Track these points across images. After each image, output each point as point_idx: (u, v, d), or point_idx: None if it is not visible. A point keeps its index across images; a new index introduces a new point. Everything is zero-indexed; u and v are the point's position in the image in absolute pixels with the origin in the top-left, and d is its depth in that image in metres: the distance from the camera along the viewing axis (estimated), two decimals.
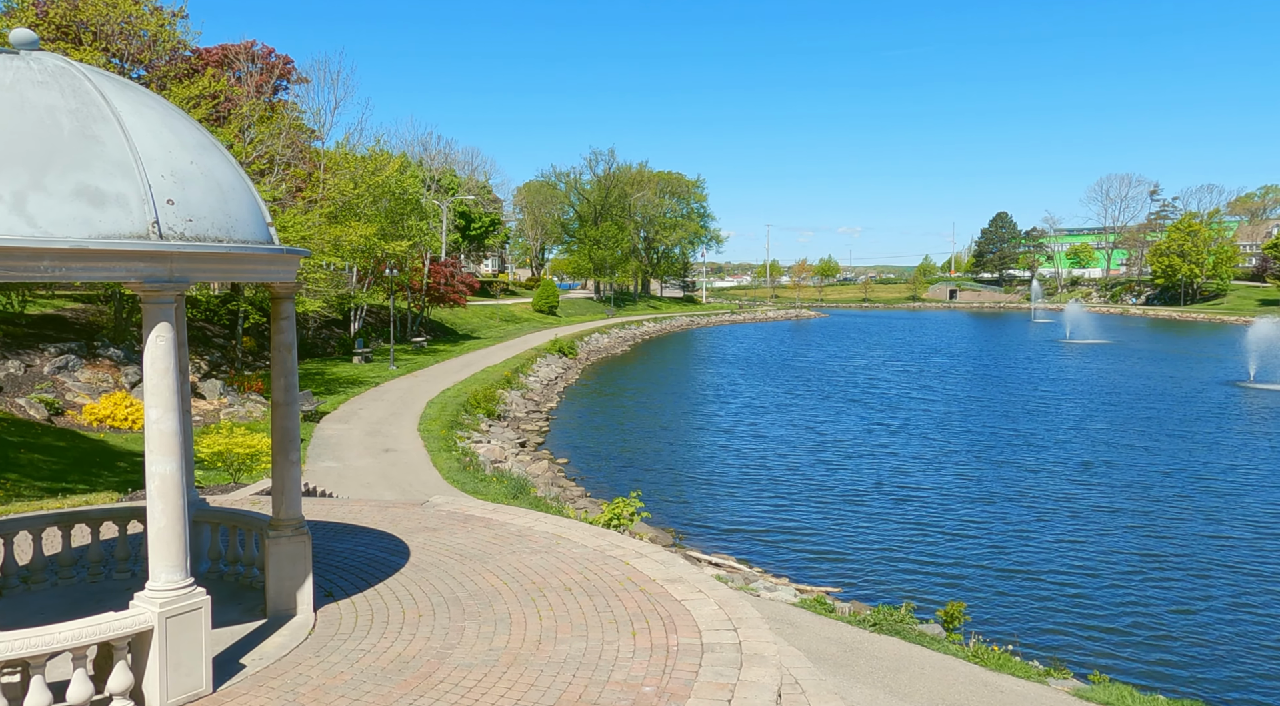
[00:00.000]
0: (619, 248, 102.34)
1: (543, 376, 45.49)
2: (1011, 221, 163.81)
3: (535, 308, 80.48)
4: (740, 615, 8.49)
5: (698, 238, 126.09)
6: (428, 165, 73.18)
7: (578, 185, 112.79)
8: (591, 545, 10.88)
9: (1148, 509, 21.99)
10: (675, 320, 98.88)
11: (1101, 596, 16.33)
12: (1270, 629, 14.97)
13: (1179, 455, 28.50)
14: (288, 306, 8.37)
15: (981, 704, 9.80)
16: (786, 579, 17.61)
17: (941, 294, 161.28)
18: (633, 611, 8.59)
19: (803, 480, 25.56)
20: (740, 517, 22.08)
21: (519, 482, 21.48)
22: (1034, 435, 32.16)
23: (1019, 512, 21.74)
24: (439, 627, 8.21)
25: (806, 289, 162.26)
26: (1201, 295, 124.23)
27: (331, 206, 36.32)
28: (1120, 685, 11.34)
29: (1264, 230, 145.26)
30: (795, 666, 9.00)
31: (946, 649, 11.81)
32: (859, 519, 21.56)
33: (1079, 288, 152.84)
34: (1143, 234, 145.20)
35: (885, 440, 31.39)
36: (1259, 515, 21.28)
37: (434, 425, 27.49)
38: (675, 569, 9.99)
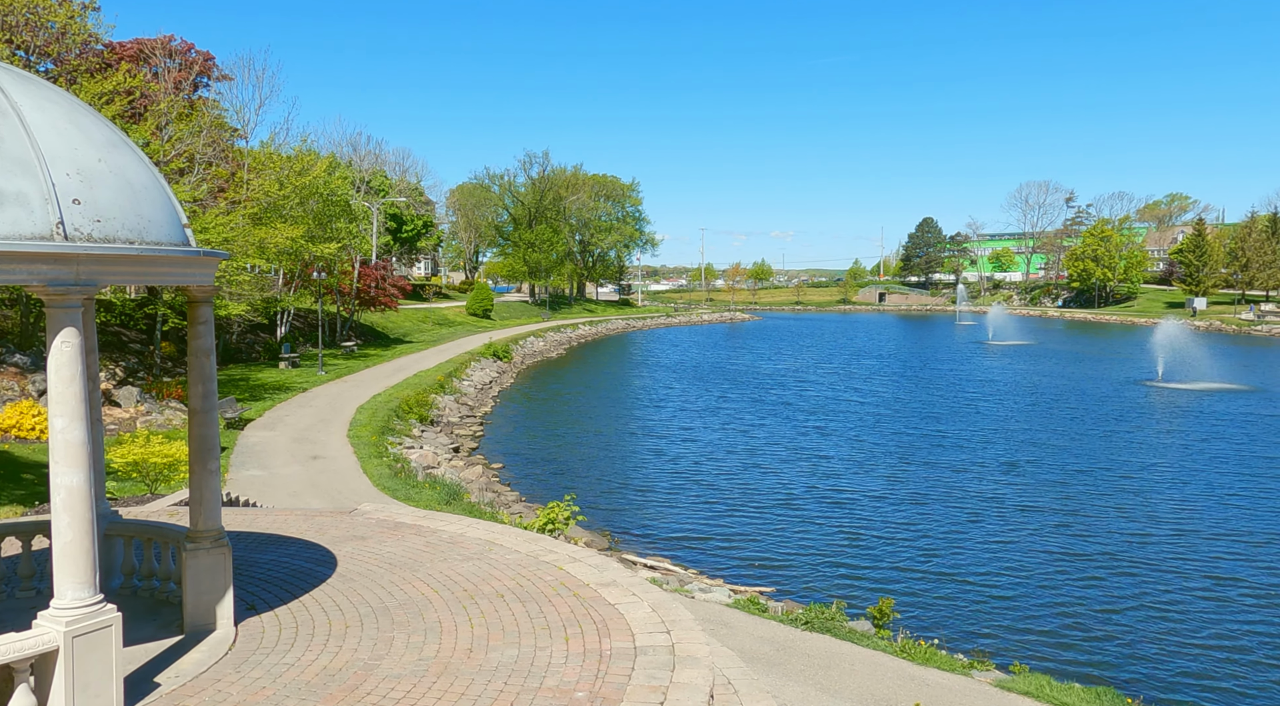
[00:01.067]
0: (554, 251, 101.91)
1: (477, 381, 44.98)
2: (937, 226, 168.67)
3: (469, 311, 79.55)
4: (673, 617, 8.52)
5: (633, 241, 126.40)
6: (357, 166, 71.65)
7: (512, 187, 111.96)
8: (525, 550, 10.79)
9: (1067, 507, 22.84)
10: (611, 323, 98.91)
11: (1023, 591, 16.89)
12: (1180, 619, 15.70)
13: (1096, 454, 29.70)
14: (206, 310, 8.08)
15: (908, 697, 10.03)
16: (721, 580, 17.74)
17: (871, 297, 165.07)
18: (566, 616, 8.54)
19: (737, 482, 25.81)
20: (676, 520, 22.18)
21: (452, 488, 21.17)
22: (960, 436, 33.11)
23: (946, 512, 22.35)
24: (367, 638, 8.03)
25: (741, 292, 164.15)
26: (1114, 298, 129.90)
27: (256, 207, 35.27)
28: (1039, 675, 11.74)
29: (1170, 236, 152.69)
30: (728, 666, 9.07)
31: (876, 645, 12.06)
32: (792, 520, 21.88)
33: (1001, 291, 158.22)
34: (1060, 239, 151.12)
35: (816, 442, 31.93)
36: (1171, 512, 22.30)
37: (364, 431, 26.92)
38: (609, 572, 9.97)
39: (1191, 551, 19.00)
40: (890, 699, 10.06)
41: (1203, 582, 17.17)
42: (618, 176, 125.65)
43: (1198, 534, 20.19)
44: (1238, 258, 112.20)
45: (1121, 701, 11.07)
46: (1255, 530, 20.27)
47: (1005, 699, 10.55)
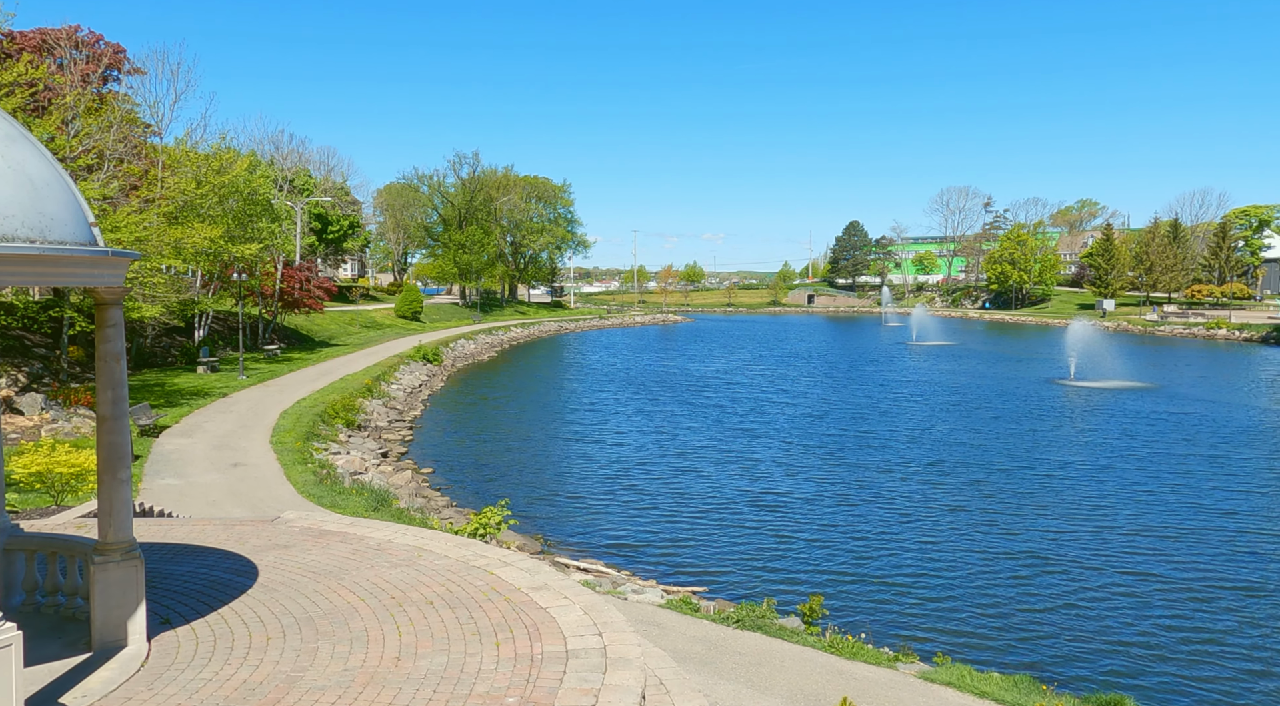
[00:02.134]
0: (485, 252, 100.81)
1: (406, 384, 44.18)
2: (863, 230, 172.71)
3: (398, 313, 78.08)
4: (605, 619, 8.51)
5: (565, 242, 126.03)
6: (280, 164, 69.63)
7: (441, 188, 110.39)
8: (455, 556, 10.63)
9: (989, 505, 23.62)
10: (543, 325, 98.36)
11: (947, 586, 17.40)
12: (1094, 610, 16.37)
13: (1016, 452, 30.79)
14: (115, 313, 7.74)
15: (837, 691, 10.22)
16: (654, 581, 17.80)
17: (800, 299, 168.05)
18: (497, 621, 8.44)
19: (670, 485, 25.94)
20: (609, 523, 22.17)
21: (380, 494, 20.74)
22: (886, 436, 33.93)
23: (873, 511, 22.86)
24: (290, 650, 7.79)
25: (673, 294, 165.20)
26: (1030, 299, 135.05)
27: (171, 206, 33.94)
28: (961, 665, 12.11)
29: (1081, 240, 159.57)
30: (660, 667, 9.10)
31: (805, 641, 12.26)
32: (724, 521, 22.09)
33: (924, 293, 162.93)
34: (979, 243, 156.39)
35: (747, 445, 32.31)
36: (1086, 508, 23.25)
37: (288, 437, 26.16)
38: (541, 576, 9.90)
39: (1106, 546, 19.85)
40: (819, 693, 10.24)
41: (1116, 576, 17.96)
42: (549, 178, 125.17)
43: (1112, 529, 21.10)
44: (1142, 261, 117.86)
45: (1036, 687, 11.51)
46: (1168, 524, 21.26)
47: (929, 689, 10.84)
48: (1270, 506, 22.76)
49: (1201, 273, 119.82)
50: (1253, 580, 17.33)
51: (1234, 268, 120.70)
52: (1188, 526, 20.92)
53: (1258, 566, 18.04)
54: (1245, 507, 22.52)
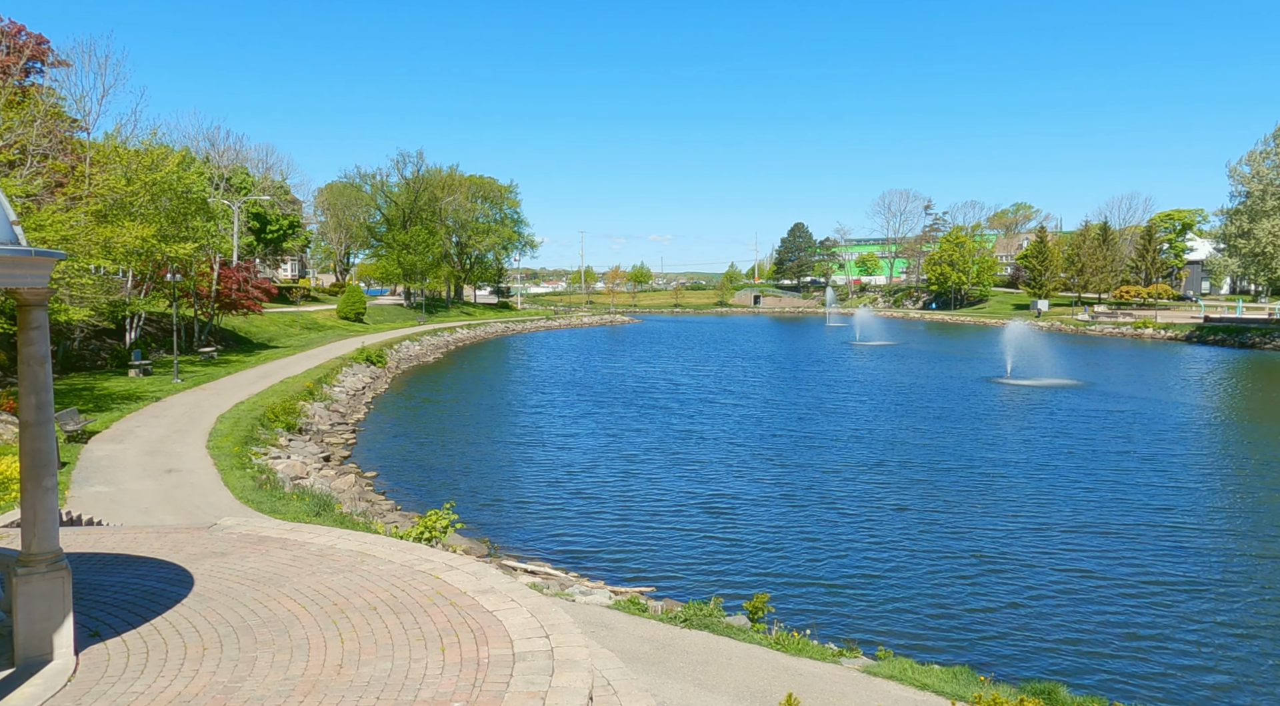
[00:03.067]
0: (430, 252, 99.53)
1: (349, 386, 43.38)
2: (808, 232, 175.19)
3: (340, 314, 76.65)
4: (552, 622, 8.47)
5: (512, 243, 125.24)
6: (216, 162, 67.73)
7: (384, 187, 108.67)
8: (399, 561, 10.48)
9: (931, 502, 24.14)
10: (490, 326, 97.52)
11: (890, 582, 17.73)
12: (1032, 603, 16.85)
13: (956, 450, 31.53)
14: (39, 315, 7.45)
15: (782, 687, 10.34)
16: (602, 582, 17.79)
17: (747, 300, 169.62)
18: (442, 626, 8.34)
19: (617, 486, 25.95)
20: (556, 525, 22.08)
21: (322, 499, 20.32)
22: (830, 436, 34.44)
23: (818, 509, 23.18)
24: (227, 660, 7.59)
25: (621, 295, 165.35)
26: (968, 300, 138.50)
27: (100, 204, 32.76)
28: (903, 659, 12.36)
29: (1016, 242, 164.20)
30: (608, 668, 9.09)
31: (751, 638, 12.38)
32: (671, 521, 22.17)
33: (867, 293, 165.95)
34: (919, 244, 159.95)
35: (694, 445, 32.49)
36: (1025, 504, 23.89)
37: (226, 441, 25.47)
38: (487, 579, 9.81)
39: (1044, 542, 20.42)
40: (765, 690, 10.35)
41: (1053, 571, 18.50)
42: (495, 178, 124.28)
43: (1050, 526, 21.70)
44: (1074, 263, 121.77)
45: (975, 678, 11.80)
46: (1104, 521, 21.91)
47: (871, 683, 11.04)
48: (1200, 503, 23.65)
49: (1129, 274, 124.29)
50: (1186, 575, 18.00)
51: (1159, 269, 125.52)
52: (1123, 523, 21.63)
53: (1190, 562, 18.75)
54: (1178, 504, 23.34)
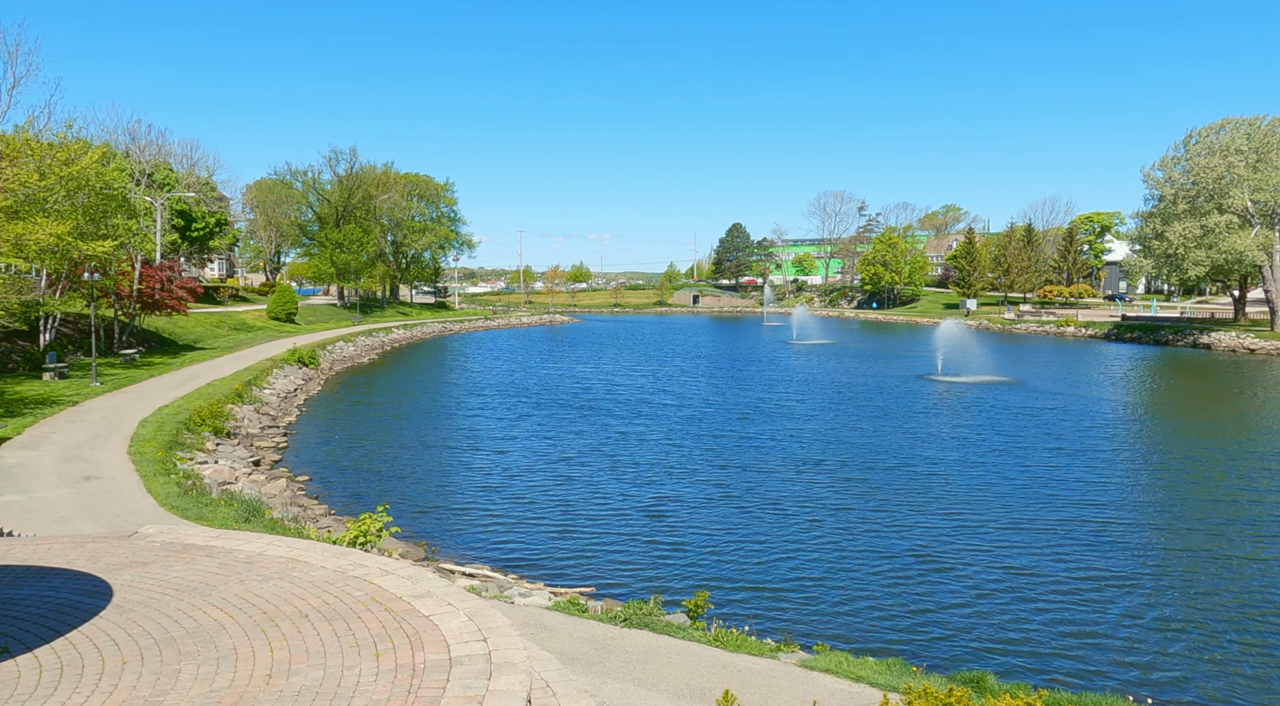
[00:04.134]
0: (364, 251, 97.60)
1: (280, 388, 42.26)
2: (745, 232, 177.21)
3: (271, 315, 74.61)
4: (490, 624, 8.37)
5: (449, 242, 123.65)
6: (137, 157, 65.26)
7: (316, 184, 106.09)
8: (332, 566, 10.23)
9: (867, 500, 24.62)
10: (427, 326, 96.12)
11: (828, 578, 18.03)
12: (964, 596, 17.31)
13: (891, 447, 32.22)
14: None
15: (721, 683, 10.43)
16: (542, 583, 17.68)
17: (686, 299, 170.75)
18: (376, 632, 8.17)
19: (556, 487, 25.82)
20: (495, 527, 21.87)
21: (252, 505, 19.74)
22: (768, 435, 34.86)
23: (757, 507, 23.43)
24: (148, 673, 7.30)
25: (560, 294, 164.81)
26: (901, 299, 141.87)
27: (11, 200, 31.25)
28: (839, 652, 12.58)
29: (946, 243, 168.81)
30: (546, 669, 9.03)
31: (691, 636, 12.45)
32: (612, 521, 22.17)
33: (804, 293, 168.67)
34: (854, 245, 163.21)
35: (633, 446, 32.55)
36: (958, 499, 24.51)
37: (149, 447, 24.55)
38: (423, 583, 9.65)
39: (975, 537, 20.98)
40: (704, 686, 10.42)
41: (985, 566, 19.03)
42: (431, 176, 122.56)
43: (981, 520, 22.30)
44: (1001, 263, 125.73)
45: (908, 669, 12.09)
46: (1034, 517, 22.54)
47: (808, 676, 11.20)
48: (1126, 498, 24.44)
49: (1052, 274, 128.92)
50: (1111, 569, 18.66)
51: (1080, 269, 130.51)
52: (1052, 518, 22.29)
53: (1115, 556, 19.44)
54: (1103, 499, 24.08)
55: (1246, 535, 20.68)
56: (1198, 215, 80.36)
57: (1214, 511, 22.69)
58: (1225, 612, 16.06)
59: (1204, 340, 78.26)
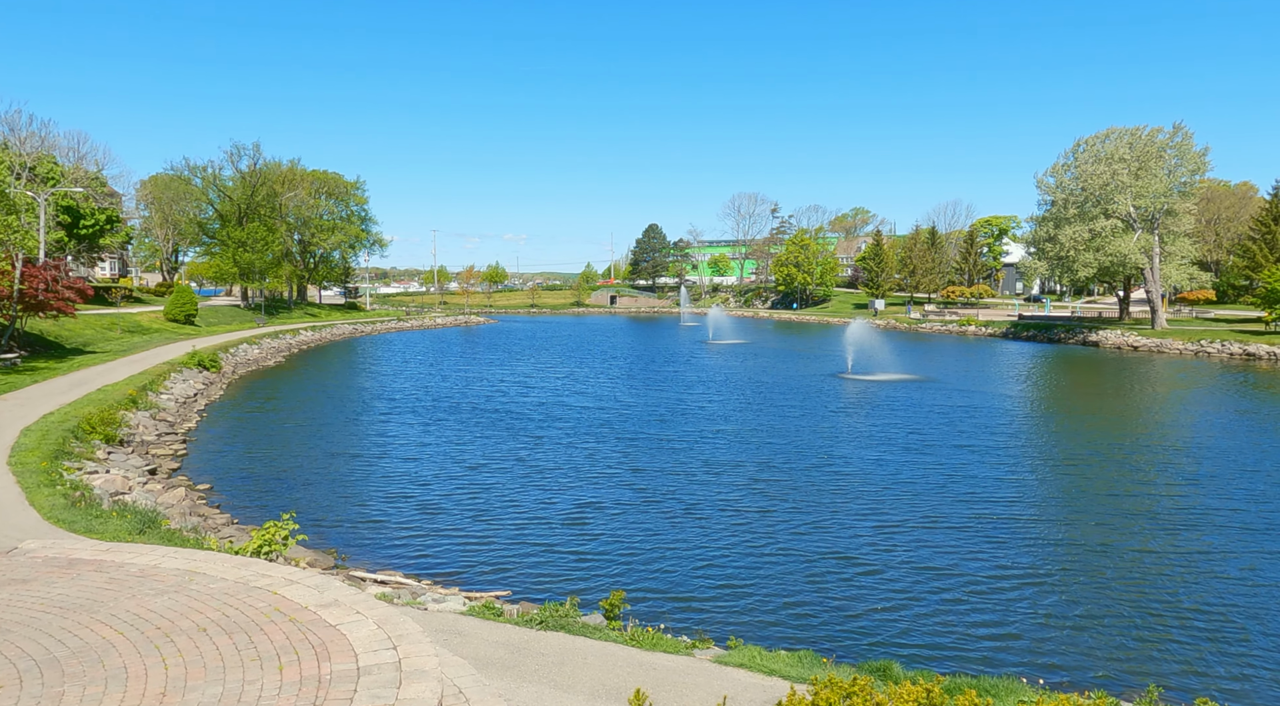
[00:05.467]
0: (270, 250, 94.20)
1: (178, 393, 40.38)
2: (662, 233, 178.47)
3: (168, 316, 71.25)
4: (400, 632, 8.19)
5: (359, 241, 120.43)
6: (17, 149, 61.37)
7: (217, 181, 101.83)
8: (233, 577, 9.82)
9: (781, 498, 25.09)
10: (337, 328, 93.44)
11: (742, 574, 18.30)
12: (872, 589, 17.82)
13: (803, 447, 32.93)
14: None
15: (636, 681, 10.46)
16: (457, 589, 17.40)
17: (603, 300, 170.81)
18: (280, 644, 7.89)
19: (472, 491, 25.45)
20: (409, 532, 21.41)
21: (147, 516, 18.79)
22: (684, 436, 35.18)
23: (673, 508, 23.59)
24: (28, 697, 6.87)
25: (475, 295, 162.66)
26: (813, 300, 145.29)
27: None
28: (752, 647, 12.79)
29: (855, 245, 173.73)
30: (459, 676, 8.89)
31: (608, 636, 12.45)
32: (528, 524, 21.98)
33: (719, 293, 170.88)
34: (767, 246, 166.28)
35: (551, 448, 32.39)
36: (868, 497, 25.18)
37: (32, 456, 23.10)
38: (331, 592, 9.37)
39: (886, 532, 21.63)
40: (620, 686, 10.44)
41: (895, 559, 19.63)
42: (341, 173, 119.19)
43: (890, 516, 22.97)
44: (907, 264, 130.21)
45: (818, 661, 12.38)
46: (946, 513, 23.26)
47: (722, 672, 11.35)
48: (1028, 493, 25.44)
49: (955, 275, 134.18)
50: (1015, 562, 19.46)
51: (980, 271, 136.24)
52: (957, 513, 23.05)
53: (1018, 550, 20.25)
54: (1007, 494, 24.93)
55: (1137, 526, 21.94)
56: (1086, 220, 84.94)
57: (1108, 504, 23.98)
58: (1117, 600, 17.01)
59: (1093, 338, 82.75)
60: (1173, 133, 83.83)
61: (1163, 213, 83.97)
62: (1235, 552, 19.50)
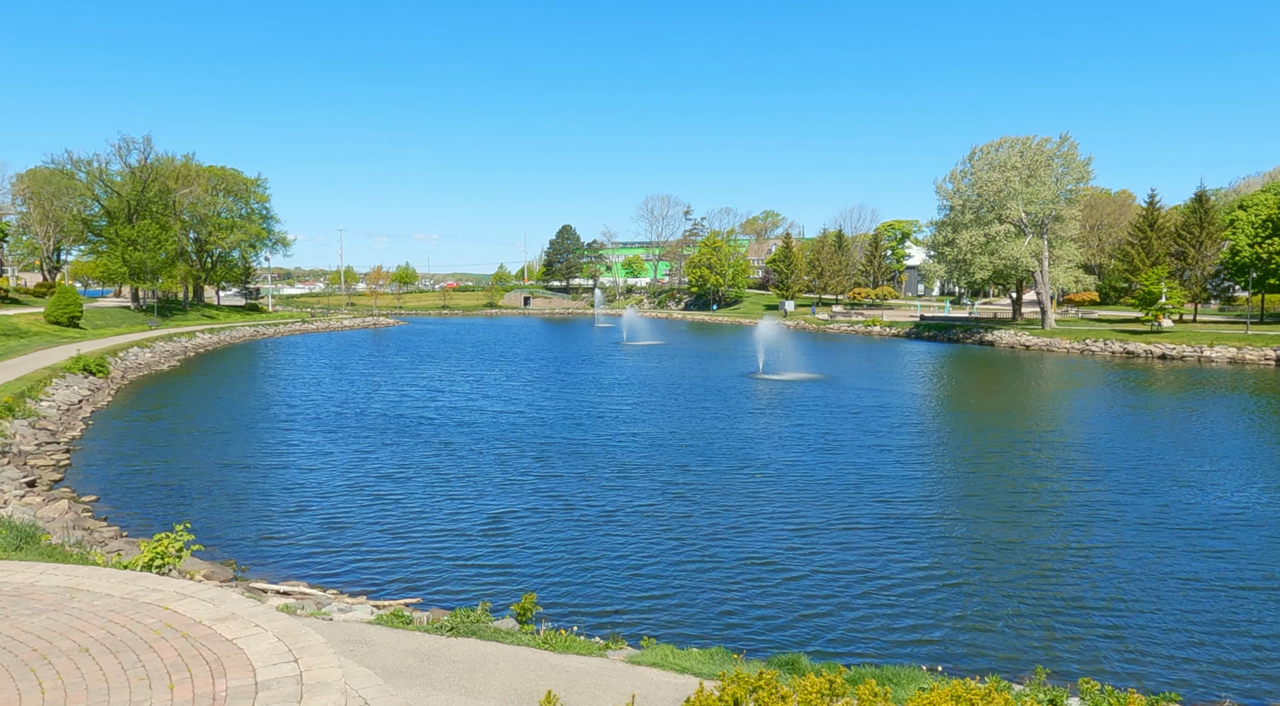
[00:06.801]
0: (163, 249, 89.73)
1: (61, 400, 38.06)
2: (576, 234, 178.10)
3: (50, 319, 67.09)
4: (302, 644, 7.91)
5: (261, 240, 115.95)
6: None
7: (104, 176, 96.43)
8: (120, 593, 9.31)
9: (694, 500, 25.31)
10: (237, 330, 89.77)
11: (654, 574, 18.41)
12: (782, 587, 18.17)
13: (715, 447, 33.32)
14: None
15: (547, 684, 10.40)
16: (364, 598, 16.95)
17: (516, 301, 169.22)
18: (171, 661, 7.52)
19: (379, 499, 24.79)
20: (313, 541, 20.72)
21: (25, 530, 17.62)
22: (599, 439, 35.17)
23: (586, 511, 23.54)
24: None
25: (385, 296, 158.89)
26: (726, 301, 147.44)
27: None
28: (665, 646, 12.87)
29: (766, 247, 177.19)
30: (365, 686, 8.65)
31: (520, 640, 12.33)
32: (438, 532, 21.57)
33: (634, 294, 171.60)
34: (681, 248, 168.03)
35: (463, 454, 31.90)
36: (778, 496, 25.66)
37: None
38: (228, 605, 8.98)
39: (801, 530, 22.06)
40: (532, 690, 10.35)
41: (805, 557, 20.06)
42: (240, 170, 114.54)
43: (801, 514, 23.46)
44: (815, 267, 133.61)
45: (729, 657, 12.56)
46: (853, 511, 23.85)
47: (635, 671, 11.39)
48: (932, 492, 26.24)
49: (860, 277, 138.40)
50: (920, 557, 20.14)
51: (884, 273, 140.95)
52: (866, 511, 23.67)
53: (924, 544, 20.96)
54: (914, 493, 25.64)
55: (1035, 521, 22.99)
56: (982, 224, 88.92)
57: (1009, 500, 25.07)
58: (1014, 592, 17.83)
59: (988, 338, 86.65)
60: (1060, 142, 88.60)
61: (1051, 218, 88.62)
62: (1126, 544, 20.64)
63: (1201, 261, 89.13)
